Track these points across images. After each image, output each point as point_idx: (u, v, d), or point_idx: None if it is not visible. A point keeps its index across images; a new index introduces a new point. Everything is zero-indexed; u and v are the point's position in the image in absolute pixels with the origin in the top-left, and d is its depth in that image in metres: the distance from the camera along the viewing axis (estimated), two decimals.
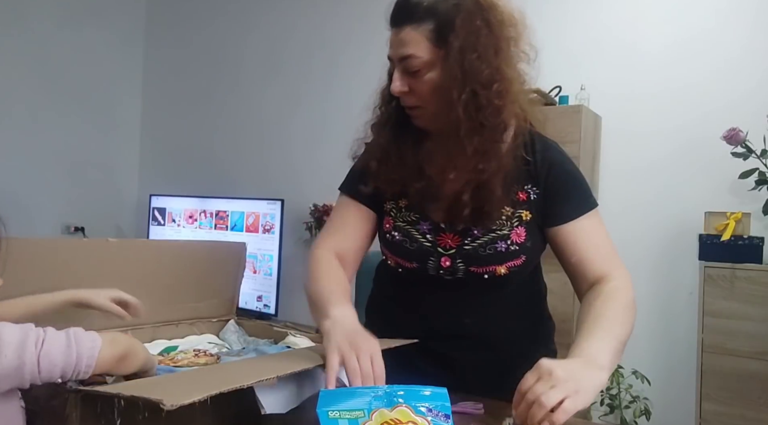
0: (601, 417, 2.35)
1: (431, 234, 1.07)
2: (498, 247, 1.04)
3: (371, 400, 0.70)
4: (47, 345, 0.67)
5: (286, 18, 3.49)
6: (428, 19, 0.96)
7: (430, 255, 1.07)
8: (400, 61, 0.98)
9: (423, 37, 0.96)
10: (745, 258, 2.01)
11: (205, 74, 3.83)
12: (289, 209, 2.99)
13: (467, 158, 0.97)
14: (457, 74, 0.95)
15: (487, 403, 0.98)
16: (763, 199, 2.06)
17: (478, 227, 1.04)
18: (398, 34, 0.98)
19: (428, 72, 0.98)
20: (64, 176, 3.66)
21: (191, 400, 0.63)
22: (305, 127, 3.35)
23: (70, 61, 3.68)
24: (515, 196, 1.04)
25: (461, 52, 0.95)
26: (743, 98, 2.25)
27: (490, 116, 0.97)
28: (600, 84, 2.49)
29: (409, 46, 0.97)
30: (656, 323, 2.42)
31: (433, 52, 0.96)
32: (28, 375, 0.66)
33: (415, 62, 0.97)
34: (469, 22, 0.95)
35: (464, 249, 1.05)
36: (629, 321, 1.00)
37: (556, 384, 0.78)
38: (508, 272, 1.05)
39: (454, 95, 0.95)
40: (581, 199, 1.07)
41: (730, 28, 2.31)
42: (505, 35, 0.99)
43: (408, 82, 0.99)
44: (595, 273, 1.04)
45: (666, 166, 2.41)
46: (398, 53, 0.98)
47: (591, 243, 1.05)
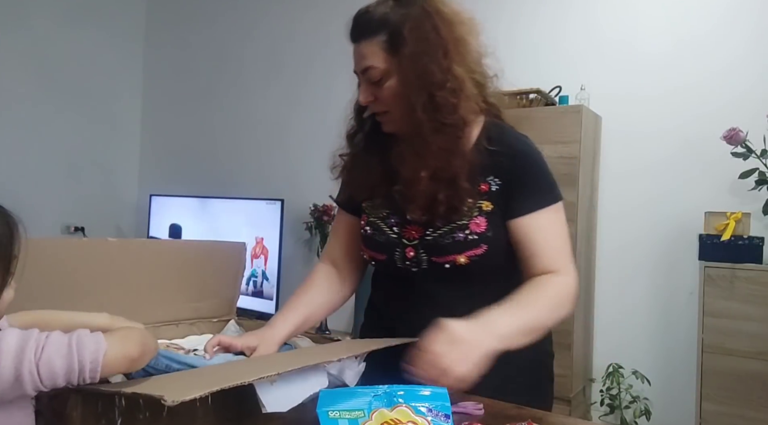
0: (601, 417, 2.35)
1: (398, 227, 1.13)
2: (456, 237, 1.06)
3: (371, 400, 0.70)
4: (47, 352, 0.65)
5: (286, 17, 3.49)
6: (381, 31, 1.04)
7: (396, 246, 1.12)
8: (362, 73, 1.07)
9: (378, 49, 1.04)
10: (745, 258, 2.01)
11: (205, 74, 3.83)
12: (289, 209, 2.99)
13: (434, 156, 1.03)
14: (412, 79, 1.02)
15: (487, 403, 0.98)
16: (763, 198, 2.06)
17: (439, 218, 1.08)
18: (357, 48, 1.07)
19: (388, 80, 1.05)
20: (64, 176, 3.66)
21: (192, 396, 0.63)
22: (305, 127, 3.35)
23: (70, 60, 3.68)
24: (477, 187, 1.07)
25: (413, 57, 1.02)
26: (743, 98, 2.25)
27: (448, 115, 1.03)
28: (600, 84, 2.49)
29: (367, 59, 1.05)
30: (656, 323, 2.42)
31: (389, 61, 1.04)
32: (29, 385, 0.64)
33: (375, 72, 1.05)
34: (418, 28, 1.02)
35: (426, 239, 1.09)
36: (549, 310, 1.02)
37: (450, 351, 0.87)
38: (468, 262, 1.06)
39: (412, 99, 1.02)
40: (541, 192, 1.08)
41: (730, 29, 2.31)
42: (454, 36, 1.05)
43: (372, 91, 1.07)
44: (542, 268, 1.05)
45: (666, 166, 2.41)
46: (359, 66, 1.07)
47: (543, 239, 1.06)
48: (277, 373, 0.75)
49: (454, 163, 1.04)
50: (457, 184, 1.04)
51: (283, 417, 0.84)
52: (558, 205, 1.09)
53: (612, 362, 2.38)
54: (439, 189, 1.04)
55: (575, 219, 2.24)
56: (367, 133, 1.16)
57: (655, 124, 2.43)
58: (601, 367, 2.44)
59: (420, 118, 1.02)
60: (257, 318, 1.45)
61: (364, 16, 1.07)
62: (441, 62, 1.02)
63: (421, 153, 1.04)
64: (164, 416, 0.74)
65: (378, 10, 1.06)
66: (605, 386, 2.37)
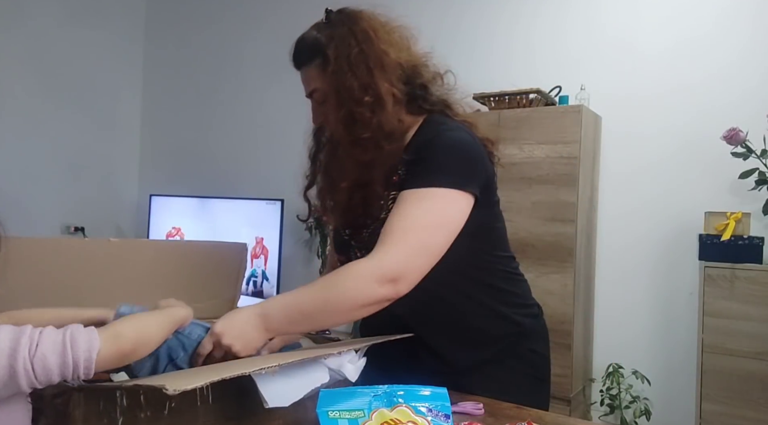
0: (601, 417, 2.36)
1: (349, 229, 1.17)
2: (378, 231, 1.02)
3: (371, 400, 0.70)
4: (41, 349, 0.65)
5: (286, 17, 3.49)
6: (316, 55, 1.08)
7: (349, 248, 1.16)
8: (309, 96, 1.13)
9: (317, 71, 1.08)
10: (745, 258, 2.01)
11: (205, 74, 3.83)
12: (289, 209, 2.99)
13: (355, 169, 1.07)
14: (333, 96, 1.07)
15: (487, 403, 0.98)
16: (763, 198, 2.06)
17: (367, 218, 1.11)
18: (301, 74, 1.12)
19: (329, 100, 1.09)
20: (64, 176, 3.66)
21: (194, 386, 0.64)
22: (306, 127, 3.34)
23: (70, 60, 3.68)
24: (391, 180, 1.08)
25: (334, 75, 1.05)
26: (743, 98, 2.25)
27: (365, 128, 1.04)
28: (600, 84, 2.49)
29: (311, 82, 1.11)
30: (656, 323, 2.42)
31: (327, 82, 1.07)
32: (24, 381, 0.64)
33: (318, 95, 1.11)
34: (341, 47, 1.05)
35: (364, 239, 1.12)
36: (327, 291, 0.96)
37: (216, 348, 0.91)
38: None
39: (335, 115, 1.07)
40: (422, 174, 1.01)
41: (730, 29, 2.31)
42: (377, 50, 1.06)
43: (320, 112, 1.14)
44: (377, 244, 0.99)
45: (666, 166, 2.41)
46: (306, 90, 1.13)
47: (392, 217, 1.00)
48: (277, 364, 0.75)
49: (372, 173, 1.06)
50: (372, 188, 1.07)
51: (283, 417, 0.84)
52: (441, 191, 1.00)
53: (612, 362, 2.38)
54: (355, 195, 1.09)
55: (575, 219, 2.25)
56: (327, 151, 1.23)
57: (655, 124, 2.44)
58: (601, 367, 2.44)
59: (341, 133, 1.07)
60: None
61: (301, 43, 1.12)
62: (362, 78, 1.04)
63: (345, 165, 1.09)
64: (165, 414, 0.74)
65: (310, 35, 1.11)
66: (605, 386, 2.37)
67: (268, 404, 0.76)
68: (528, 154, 2.32)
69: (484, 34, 2.82)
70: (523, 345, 1.18)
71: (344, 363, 0.88)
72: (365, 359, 0.94)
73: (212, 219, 3.27)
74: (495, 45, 2.78)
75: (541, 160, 2.29)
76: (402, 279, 0.95)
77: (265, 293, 3.01)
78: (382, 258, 0.95)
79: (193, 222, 3.38)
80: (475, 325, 1.13)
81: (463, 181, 1.01)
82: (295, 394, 0.80)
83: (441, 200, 1.00)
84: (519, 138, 2.33)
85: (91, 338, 0.68)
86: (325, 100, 1.10)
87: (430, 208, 0.99)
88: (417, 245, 0.97)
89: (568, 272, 2.25)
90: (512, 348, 1.16)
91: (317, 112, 1.14)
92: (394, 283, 0.95)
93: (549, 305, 2.26)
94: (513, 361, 1.15)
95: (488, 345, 1.14)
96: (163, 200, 3.55)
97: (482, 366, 1.14)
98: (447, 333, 1.13)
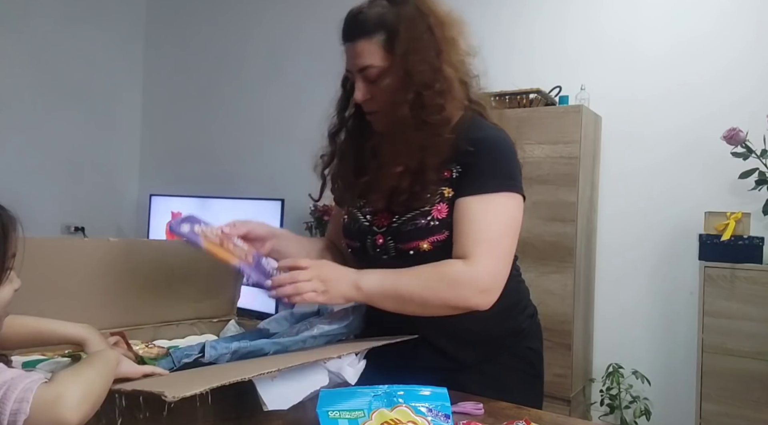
0: (601, 417, 2.35)
1: (370, 215, 1.16)
2: (418, 224, 1.08)
3: (371, 400, 0.70)
4: None
5: (287, 17, 3.49)
6: (378, 30, 1.06)
7: (367, 233, 1.15)
8: (359, 71, 1.08)
9: (377, 47, 1.06)
10: (745, 258, 2.01)
11: (206, 74, 3.83)
12: (289, 209, 2.99)
13: (412, 153, 1.06)
14: (403, 77, 1.05)
15: (486, 403, 0.98)
16: (763, 198, 2.06)
17: (399, 206, 1.10)
18: (353, 47, 1.08)
19: (385, 78, 1.07)
20: (64, 176, 3.66)
21: (192, 392, 0.64)
22: (306, 127, 3.33)
23: (70, 60, 3.68)
24: (441, 175, 1.08)
25: (405, 56, 1.04)
26: (743, 98, 2.25)
27: (433, 114, 1.05)
28: (600, 84, 2.49)
29: (366, 57, 1.07)
30: (656, 323, 2.42)
31: (386, 60, 1.06)
32: None
33: (373, 71, 1.07)
34: (412, 28, 1.05)
35: (392, 226, 1.11)
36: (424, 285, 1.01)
37: (313, 280, 0.98)
38: (432, 247, 1.07)
39: (401, 96, 1.05)
40: (489, 178, 1.06)
41: (730, 29, 2.31)
42: (445, 36, 1.07)
43: (369, 89, 1.09)
44: (457, 252, 1.03)
45: (666, 166, 2.41)
46: (356, 64, 1.08)
47: (468, 223, 1.03)
48: (277, 369, 0.75)
49: (428, 159, 1.06)
50: (425, 175, 1.07)
51: (283, 417, 0.84)
52: (504, 195, 1.06)
53: (612, 362, 2.38)
54: (405, 180, 1.08)
55: (575, 219, 2.24)
56: (349, 130, 1.21)
57: (655, 123, 2.43)
58: (601, 367, 2.44)
59: (405, 115, 1.05)
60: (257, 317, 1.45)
61: (359, 16, 1.08)
62: (432, 62, 1.05)
63: (400, 149, 1.07)
64: (164, 416, 0.74)
65: (373, 11, 1.07)
66: (605, 386, 2.37)
67: (268, 407, 0.76)
68: (528, 154, 2.32)
69: (484, 34, 2.82)
70: (521, 344, 1.20)
71: (344, 366, 0.88)
72: (365, 361, 0.94)
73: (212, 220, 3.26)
74: (495, 45, 2.78)
75: (541, 160, 2.29)
76: (493, 291, 1.02)
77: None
78: (480, 269, 1.00)
79: None
80: (477, 327, 1.13)
81: (520, 185, 1.09)
82: (294, 397, 0.80)
83: (511, 205, 1.06)
84: (519, 138, 2.27)
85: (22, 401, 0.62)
86: (379, 78, 1.07)
87: (505, 214, 1.05)
88: (503, 255, 1.04)
89: (568, 272, 2.25)
90: (512, 348, 1.18)
91: (365, 89, 1.09)
92: (487, 294, 1.01)
93: (549, 305, 2.27)
94: (512, 360, 1.17)
95: (489, 345, 1.16)
96: (163, 200, 3.54)
97: (482, 364, 1.15)
98: (450, 333, 1.13)
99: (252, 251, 1.08)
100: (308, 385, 0.82)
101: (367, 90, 1.09)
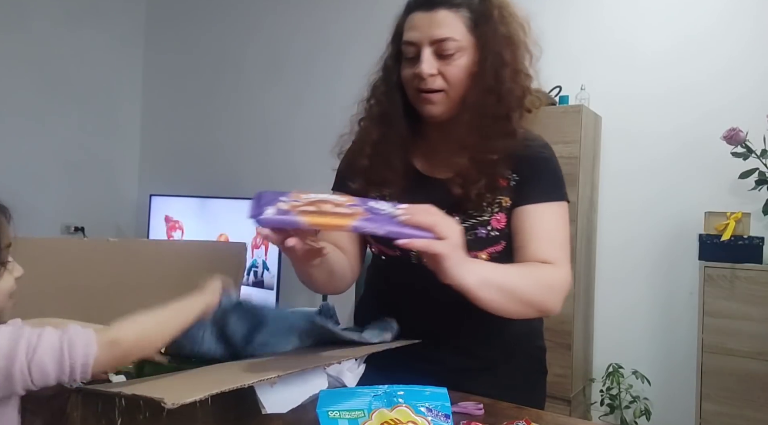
0: (601, 417, 2.35)
1: None
2: (479, 233, 1.04)
3: (371, 400, 0.70)
4: (39, 353, 0.65)
5: (287, 18, 3.49)
6: (464, 6, 1.00)
7: None
8: (432, 43, 0.99)
9: (460, 22, 0.99)
10: (745, 258, 2.01)
11: (206, 74, 3.83)
12: None
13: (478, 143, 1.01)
14: (490, 64, 0.99)
15: (487, 403, 0.98)
16: (763, 198, 2.06)
17: (459, 214, 1.03)
18: (432, 16, 0.99)
19: (461, 57, 1.00)
20: (64, 176, 3.66)
21: (192, 399, 0.63)
22: (306, 128, 3.35)
23: (70, 61, 3.68)
24: (497, 183, 1.05)
25: (496, 43, 1.00)
26: (743, 98, 2.25)
27: (512, 105, 1.02)
28: (600, 84, 2.49)
29: (446, 29, 0.99)
30: (656, 323, 2.42)
31: (468, 39, 1.00)
32: (20, 385, 0.65)
33: (451, 45, 0.99)
34: (501, 17, 1.02)
35: None
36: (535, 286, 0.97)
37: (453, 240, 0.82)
38: (489, 258, 1.05)
39: (484, 83, 1.00)
40: (548, 187, 1.06)
41: (730, 29, 2.31)
42: (520, 35, 1.04)
43: (438, 65, 1.00)
44: (537, 256, 1.01)
45: (666, 166, 2.41)
46: (432, 35, 0.99)
47: (543, 229, 1.03)
48: (277, 375, 0.75)
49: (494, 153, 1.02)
50: (494, 171, 1.02)
51: (282, 418, 0.84)
52: (564, 204, 1.07)
53: (612, 362, 2.38)
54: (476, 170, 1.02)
55: (575, 219, 2.24)
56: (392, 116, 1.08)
57: (655, 123, 2.43)
58: (601, 367, 2.44)
59: (483, 103, 1.00)
60: None
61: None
62: (515, 52, 1.02)
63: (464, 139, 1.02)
64: (164, 416, 0.73)
65: None
66: (605, 386, 2.37)
67: (266, 410, 0.76)
68: None
69: None
70: (533, 343, 1.21)
71: (343, 370, 0.88)
72: (364, 366, 0.94)
73: (212, 220, 3.27)
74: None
75: None
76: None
77: (266, 283, 3.02)
78: (566, 275, 1.01)
79: (193, 222, 3.38)
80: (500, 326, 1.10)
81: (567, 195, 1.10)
82: (293, 401, 0.80)
83: (566, 214, 1.07)
84: None
85: (89, 343, 0.68)
86: (454, 54, 0.99)
87: (566, 222, 1.06)
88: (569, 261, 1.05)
89: None
90: (525, 347, 1.18)
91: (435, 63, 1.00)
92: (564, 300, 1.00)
93: None
94: (525, 359, 1.17)
95: (504, 346, 1.15)
96: (163, 200, 3.54)
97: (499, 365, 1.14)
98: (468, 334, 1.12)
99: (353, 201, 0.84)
100: (308, 389, 0.82)
101: (437, 65, 1.00)
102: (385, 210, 0.83)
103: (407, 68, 1.03)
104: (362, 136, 1.13)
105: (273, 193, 0.85)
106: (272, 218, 0.80)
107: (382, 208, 0.84)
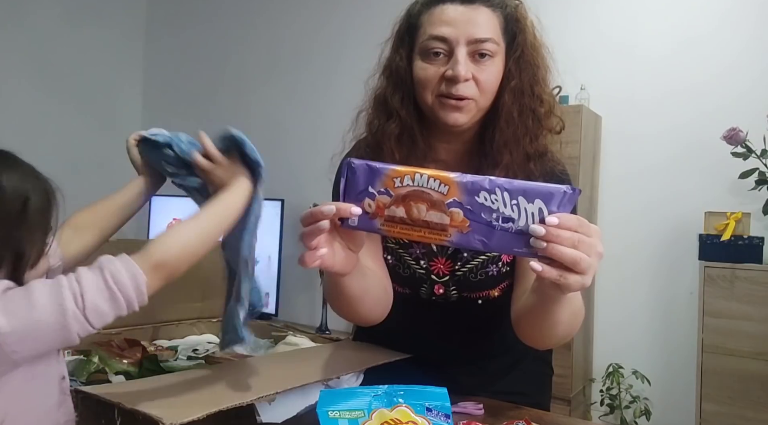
0: (601, 417, 2.35)
1: (424, 260, 1.00)
2: (489, 271, 0.99)
3: (371, 400, 0.70)
4: (90, 299, 0.63)
5: (286, 18, 3.49)
6: (500, 8, 0.92)
7: (423, 282, 1.02)
8: (470, 42, 0.88)
9: (497, 24, 0.91)
10: (745, 258, 2.01)
11: (205, 74, 3.83)
12: (289, 209, 2.98)
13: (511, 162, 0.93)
14: (526, 75, 0.92)
15: (487, 403, 0.98)
16: (763, 198, 2.06)
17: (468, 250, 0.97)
18: (472, 11, 0.89)
19: (496, 63, 0.91)
20: (64, 176, 3.64)
21: (190, 418, 0.65)
22: (305, 127, 3.35)
23: (70, 60, 3.68)
24: None
25: (531, 50, 0.93)
26: (743, 98, 2.25)
27: (543, 118, 0.96)
28: (600, 84, 2.49)
29: (486, 28, 0.89)
30: (656, 323, 2.42)
31: (501, 42, 0.92)
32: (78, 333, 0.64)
33: (491, 48, 0.89)
34: (532, 24, 0.95)
35: (456, 275, 1.00)
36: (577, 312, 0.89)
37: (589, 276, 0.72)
38: (501, 294, 1.02)
39: (522, 96, 0.93)
40: None
41: (730, 29, 2.31)
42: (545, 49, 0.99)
43: (471, 68, 0.89)
44: None
45: (666, 166, 2.41)
46: (471, 33, 0.88)
47: None
48: (275, 392, 0.76)
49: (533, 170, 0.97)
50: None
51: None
52: None
53: (612, 362, 2.38)
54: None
55: None
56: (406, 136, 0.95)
57: (655, 123, 2.43)
58: (601, 367, 2.44)
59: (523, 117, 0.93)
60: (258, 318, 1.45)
61: None
62: (546, 63, 0.96)
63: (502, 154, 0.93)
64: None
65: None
66: (605, 386, 2.37)
67: (262, 419, 0.78)
68: None
69: None
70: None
71: (341, 384, 0.89)
72: (362, 377, 0.95)
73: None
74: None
75: None
76: None
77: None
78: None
79: None
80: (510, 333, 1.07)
81: None
82: (289, 411, 0.81)
83: None
84: None
85: (135, 274, 0.67)
86: (491, 57, 0.90)
87: None
88: None
89: None
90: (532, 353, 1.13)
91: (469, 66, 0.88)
92: None
93: None
94: (533, 363, 1.16)
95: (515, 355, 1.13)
96: (163, 200, 3.54)
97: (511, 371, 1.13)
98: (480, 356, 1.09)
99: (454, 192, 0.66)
100: (304, 400, 0.83)
101: (474, 68, 0.89)
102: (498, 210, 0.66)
103: (429, 67, 0.90)
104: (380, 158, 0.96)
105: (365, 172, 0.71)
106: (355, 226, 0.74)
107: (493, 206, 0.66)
